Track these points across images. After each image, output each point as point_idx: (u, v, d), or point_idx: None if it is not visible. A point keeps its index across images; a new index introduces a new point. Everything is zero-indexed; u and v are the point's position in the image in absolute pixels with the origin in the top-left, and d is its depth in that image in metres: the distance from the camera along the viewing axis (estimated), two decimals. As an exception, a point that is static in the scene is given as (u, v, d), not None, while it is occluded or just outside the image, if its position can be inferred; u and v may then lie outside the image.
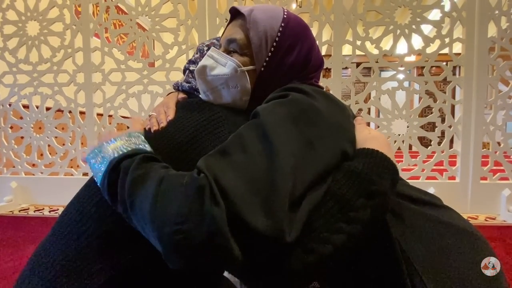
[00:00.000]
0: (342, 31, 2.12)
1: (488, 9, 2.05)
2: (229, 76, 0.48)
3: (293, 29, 0.49)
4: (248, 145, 0.36)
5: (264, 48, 0.47)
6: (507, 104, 2.10)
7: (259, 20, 0.47)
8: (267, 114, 0.39)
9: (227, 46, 0.50)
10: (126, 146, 0.45)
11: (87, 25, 2.28)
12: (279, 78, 0.48)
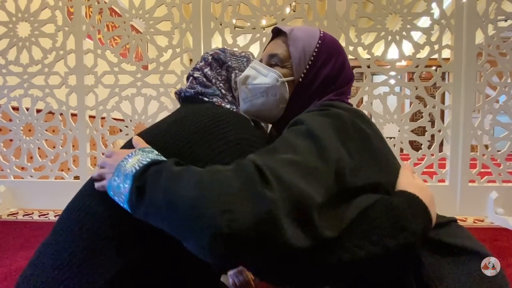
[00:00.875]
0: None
1: (476, 17, 2.11)
2: (270, 85, 0.54)
3: (328, 46, 0.55)
4: (298, 145, 0.38)
5: (303, 62, 0.54)
6: (494, 109, 2.17)
7: (299, 38, 0.54)
8: (311, 121, 0.42)
9: (269, 60, 0.57)
10: (144, 159, 0.45)
11: (79, 27, 2.26)
12: (315, 89, 0.54)
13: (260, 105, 0.56)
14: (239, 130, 0.50)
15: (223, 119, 0.51)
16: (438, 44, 2.13)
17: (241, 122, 0.53)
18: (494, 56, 2.13)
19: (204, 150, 0.47)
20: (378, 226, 0.35)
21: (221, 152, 0.47)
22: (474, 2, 2.12)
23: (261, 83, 0.54)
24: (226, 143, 0.48)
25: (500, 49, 2.14)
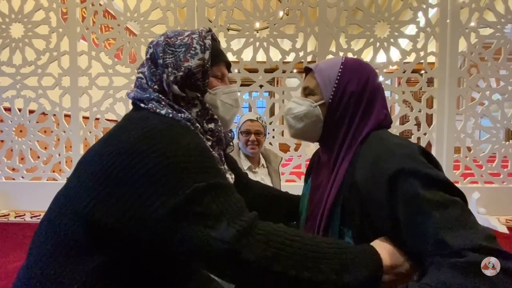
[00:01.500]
0: (326, 42, 2.23)
1: (459, 26, 2.22)
2: (306, 111, 0.64)
3: (350, 68, 0.63)
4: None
5: (329, 85, 0.62)
6: (476, 113, 2.28)
7: (323, 68, 0.64)
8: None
9: (303, 93, 0.68)
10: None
11: (74, 29, 2.27)
12: (344, 106, 0.62)
13: (302, 128, 0.66)
14: (170, 146, 0.46)
15: (153, 134, 0.47)
16: (423, 51, 2.23)
17: (174, 135, 0.48)
18: (476, 63, 2.24)
19: (136, 172, 0.44)
20: (329, 259, 0.43)
21: (155, 174, 0.44)
22: (458, 12, 2.22)
23: (299, 111, 0.65)
24: (158, 163, 0.44)
25: (482, 57, 2.25)
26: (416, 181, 0.47)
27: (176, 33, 0.59)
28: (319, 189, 0.67)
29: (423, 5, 2.22)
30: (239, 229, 0.42)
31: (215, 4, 2.26)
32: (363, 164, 0.55)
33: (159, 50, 0.56)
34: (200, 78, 0.57)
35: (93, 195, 0.46)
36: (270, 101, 2.42)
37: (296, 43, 2.25)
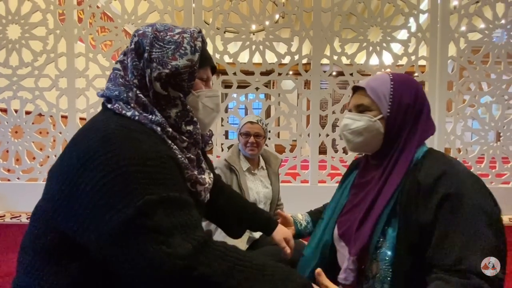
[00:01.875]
0: (320, 46, 2.28)
1: (449, 31, 2.29)
2: (366, 126, 0.67)
3: (400, 83, 0.68)
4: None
5: (384, 101, 0.67)
6: (465, 116, 2.35)
7: (375, 86, 0.68)
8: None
9: (357, 109, 0.70)
10: None
11: (71, 31, 2.28)
12: (402, 117, 0.67)
13: (362, 141, 0.69)
14: (124, 154, 0.43)
15: (109, 140, 0.45)
16: (415, 55, 2.30)
17: (131, 141, 0.45)
18: (465, 67, 2.32)
19: (90, 180, 0.42)
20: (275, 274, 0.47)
21: (107, 183, 0.42)
22: (448, 18, 2.30)
23: (358, 126, 0.68)
24: (111, 172, 0.42)
25: (471, 61, 2.33)
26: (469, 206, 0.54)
27: (166, 27, 0.56)
28: (364, 190, 0.71)
29: (414, 11, 2.29)
30: (195, 245, 0.41)
31: (212, 8, 2.30)
32: (427, 176, 0.59)
33: (145, 42, 0.52)
34: (185, 79, 0.54)
35: (56, 205, 0.46)
36: (266, 103, 2.46)
37: (291, 47, 2.30)
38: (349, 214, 0.72)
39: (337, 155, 2.36)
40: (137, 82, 0.52)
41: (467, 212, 0.52)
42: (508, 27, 2.34)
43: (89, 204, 0.42)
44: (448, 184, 0.55)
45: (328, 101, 2.37)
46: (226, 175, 1.33)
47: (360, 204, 0.69)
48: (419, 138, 0.65)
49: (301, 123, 2.41)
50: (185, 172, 0.54)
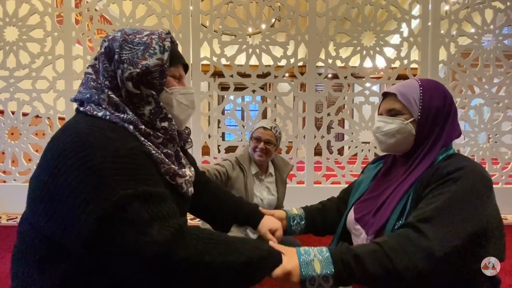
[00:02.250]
0: (315, 50, 2.33)
1: (439, 36, 2.37)
2: (398, 128, 0.73)
3: (429, 88, 0.74)
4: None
5: (414, 105, 0.72)
6: (455, 119, 2.42)
7: (405, 92, 0.74)
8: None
9: (389, 113, 0.76)
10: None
11: (69, 33, 2.30)
12: (432, 119, 0.71)
13: (394, 143, 0.75)
14: (97, 152, 0.45)
15: (80, 139, 0.47)
16: (407, 59, 2.36)
17: (102, 139, 0.47)
18: (456, 71, 2.39)
19: (64, 180, 0.44)
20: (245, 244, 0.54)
21: (81, 181, 0.44)
22: (438, 23, 2.37)
23: (390, 128, 0.74)
24: (85, 171, 0.44)
25: (461, 65, 2.40)
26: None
27: (134, 30, 0.59)
28: (386, 184, 0.77)
29: (406, 16, 2.36)
30: (172, 232, 0.45)
31: (209, 12, 2.34)
32: (446, 168, 0.65)
33: (115, 45, 0.55)
34: (157, 77, 0.57)
35: (36, 210, 0.48)
36: (262, 106, 2.50)
37: (287, 50, 2.35)
38: (369, 202, 0.78)
39: (332, 156, 2.41)
40: (108, 84, 0.55)
41: (450, 195, 0.59)
42: (496, 32, 2.42)
43: (66, 203, 0.44)
44: (458, 173, 0.61)
45: (323, 104, 2.41)
46: (233, 169, 1.32)
47: (381, 195, 0.75)
48: (445, 139, 0.70)
49: (297, 125, 2.45)
50: (161, 166, 0.57)
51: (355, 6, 2.33)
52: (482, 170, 0.64)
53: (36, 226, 0.49)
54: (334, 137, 2.44)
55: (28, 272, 0.50)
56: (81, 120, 0.52)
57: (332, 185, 2.41)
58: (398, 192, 0.69)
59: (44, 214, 0.47)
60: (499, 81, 2.46)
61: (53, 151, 0.48)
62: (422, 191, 0.65)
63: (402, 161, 0.77)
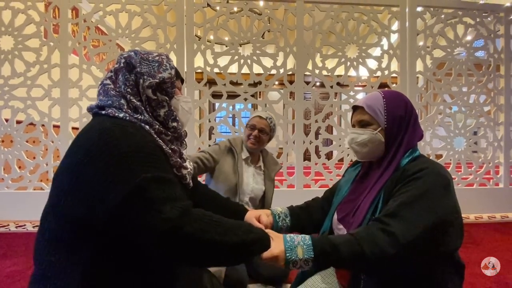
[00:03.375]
0: (303, 61, 2.49)
1: (416, 49, 2.57)
2: (369, 138, 0.81)
3: (390, 98, 0.83)
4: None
5: (380, 115, 0.81)
6: (432, 125, 2.61)
7: (371, 104, 0.82)
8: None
9: (359, 124, 0.84)
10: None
11: (65, 43, 2.36)
12: (397, 127, 0.80)
13: (367, 151, 0.83)
14: (122, 143, 0.55)
15: (108, 133, 0.56)
16: (387, 70, 2.55)
17: (125, 134, 0.58)
18: (431, 81, 2.59)
19: (97, 167, 0.54)
20: (240, 228, 0.63)
21: (111, 166, 0.53)
22: (415, 37, 2.58)
23: (363, 139, 0.82)
24: (114, 157, 0.54)
25: (435, 74, 2.61)
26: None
27: (146, 51, 0.74)
28: (362, 186, 0.85)
29: (386, 31, 2.56)
30: (181, 211, 0.54)
31: (203, 24, 2.46)
32: (412, 168, 0.73)
33: (135, 60, 0.68)
34: (169, 87, 0.71)
35: (66, 196, 0.56)
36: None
37: (277, 61, 2.49)
38: (348, 203, 0.86)
39: (320, 161, 2.54)
40: (130, 90, 0.67)
41: (420, 187, 0.68)
42: (467, 45, 2.65)
43: (96, 186, 0.53)
44: (420, 173, 0.70)
45: (311, 111, 2.55)
46: (221, 152, 1.36)
47: (359, 197, 0.83)
48: (409, 142, 0.78)
49: (287, 132, 2.58)
50: (170, 159, 0.70)
51: (339, 21, 2.52)
52: (441, 170, 0.74)
53: (61, 213, 0.57)
54: (322, 143, 2.58)
55: (58, 258, 0.57)
56: (104, 120, 0.62)
57: (320, 188, 2.53)
58: (372, 193, 0.78)
59: (73, 198, 0.55)
60: (471, 89, 2.68)
61: (82, 146, 0.58)
62: (391, 190, 0.74)
63: (376, 165, 0.85)
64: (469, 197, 2.49)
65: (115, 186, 0.53)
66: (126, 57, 0.69)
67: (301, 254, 0.65)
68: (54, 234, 0.58)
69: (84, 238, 0.56)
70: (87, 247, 0.56)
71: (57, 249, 0.57)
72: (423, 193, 0.68)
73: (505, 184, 2.64)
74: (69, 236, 0.56)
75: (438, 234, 0.67)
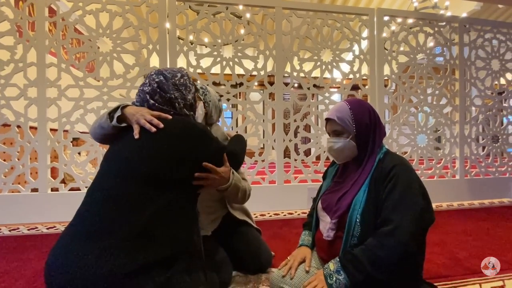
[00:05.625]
0: (282, 64, 2.64)
1: (384, 54, 2.82)
2: (344, 146, 0.96)
3: (355, 107, 0.97)
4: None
5: (349, 124, 0.95)
6: (398, 123, 2.88)
7: (340, 116, 0.96)
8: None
9: (334, 133, 0.99)
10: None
11: (42, 41, 2.31)
12: (365, 132, 0.95)
13: (344, 156, 0.99)
14: (211, 133, 0.90)
15: (200, 128, 0.88)
16: (358, 73, 2.77)
17: (207, 129, 0.89)
18: (397, 83, 2.86)
19: (205, 150, 0.87)
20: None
21: (208, 145, 0.88)
22: (382, 44, 2.83)
23: (339, 146, 0.97)
24: (214, 144, 0.89)
25: (401, 79, 2.88)
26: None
27: (170, 74, 0.92)
28: (344, 180, 0.99)
29: (357, 37, 2.79)
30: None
31: (185, 26, 2.52)
32: (386, 166, 0.89)
33: (167, 87, 0.89)
34: (193, 103, 0.94)
35: (175, 166, 0.81)
36: (236, 113, 2.73)
37: (257, 64, 2.62)
38: (331, 194, 1.01)
39: (299, 157, 2.70)
40: (170, 108, 0.91)
41: (399, 190, 0.84)
42: (428, 52, 2.96)
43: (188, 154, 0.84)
44: (395, 171, 0.87)
45: (290, 111, 2.71)
46: None
47: (340, 189, 0.98)
48: (378, 142, 0.95)
49: (268, 130, 2.71)
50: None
51: (315, 27, 2.70)
52: (405, 162, 0.91)
53: (163, 180, 0.79)
54: (300, 141, 2.75)
55: (159, 217, 0.75)
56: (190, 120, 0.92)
57: (300, 183, 2.69)
58: (355, 186, 0.92)
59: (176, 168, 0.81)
60: (432, 92, 2.99)
61: (192, 134, 0.86)
62: (373, 185, 0.89)
63: (352, 163, 1.01)
64: (431, 188, 2.75)
65: (204, 149, 0.89)
66: (154, 82, 0.89)
67: (333, 267, 0.85)
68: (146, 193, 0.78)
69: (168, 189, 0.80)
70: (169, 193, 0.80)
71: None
72: (405, 190, 0.84)
73: (460, 176, 2.98)
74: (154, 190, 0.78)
75: (425, 214, 0.84)
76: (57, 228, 2.14)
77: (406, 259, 0.79)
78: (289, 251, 1.10)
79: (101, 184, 0.78)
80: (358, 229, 0.86)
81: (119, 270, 0.64)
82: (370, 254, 0.80)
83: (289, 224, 2.22)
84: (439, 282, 1.26)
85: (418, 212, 0.81)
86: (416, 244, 0.81)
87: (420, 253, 0.89)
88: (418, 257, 0.88)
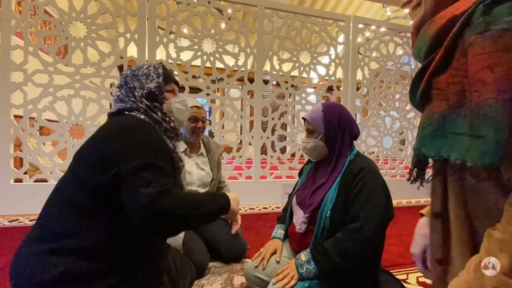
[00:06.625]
0: (262, 62, 2.70)
1: (357, 60, 3.00)
2: (314, 145, 1.04)
3: (327, 110, 1.03)
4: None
5: (319, 125, 1.02)
6: (367, 125, 3.09)
7: (313, 116, 1.03)
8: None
9: (308, 132, 1.07)
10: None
11: (7, 21, 2.15)
12: (334, 133, 1.01)
13: (316, 154, 1.07)
14: (140, 134, 0.73)
15: (131, 126, 0.75)
16: (334, 77, 2.92)
17: (144, 128, 0.75)
18: (368, 88, 3.06)
19: (119, 146, 0.70)
20: (209, 199, 0.83)
21: (133, 146, 0.70)
22: (356, 50, 3.01)
23: (310, 146, 1.05)
24: (134, 141, 0.71)
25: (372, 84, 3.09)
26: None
27: (138, 67, 0.89)
28: (316, 177, 1.06)
29: (334, 42, 2.93)
30: (159, 190, 0.66)
31: (166, 17, 2.48)
32: (355, 168, 0.97)
33: (128, 79, 0.85)
34: (158, 94, 0.85)
35: (85, 167, 0.71)
36: (215, 108, 2.75)
37: (238, 61, 2.65)
38: (304, 190, 1.09)
39: (275, 154, 2.80)
40: (133, 99, 0.85)
41: (366, 190, 0.93)
42: (396, 60, 3.19)
43: (112, 158, 0.69)
44: (363, 173, 0.96)
45: (268, 109, 2.79)
46: None
47: (312, 185, 1.06)
48: (347, 144, 1.02)
49: (246, 127, 2.77)
50: (172, 153, 0.85)
51: (295, 29, 2.79)
52: (372, 164, 1.01)
53: (85, 182, 0.70)
54: (277, 138, 2.84)
55: (76, 218, 0.69)
56: (127, 117, 0.80)
57: (275, 179, 2.79)
58: (327, 184, 1.00)
59: (98, 169, 0.70)
60: (398, 98, 3.23)
61: (117, 129, 0.74)
62: (343, 184, 0.97)
63: (323, 161, 1.09)
64: (393, 186, 3.00)
65: (127, 160, 0.68)
66: (124, 76, 0.87)
67: (304, 258, 0.93)
68: (77, 202, 0.71)
69: (102, 205, 0.71)
70: (104, 214, 0.71)
71: (78, 213, 0.71)
72: (371, 191, 0.93)
73: (419, 175, 3.27)
74: (90, 203, 0.71)
75: (387, 210, 0.94)
76: (21, 221, 2.02)
77: (371, 251, 0.90)
78: (263, 243, 1.18)
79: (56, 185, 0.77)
80: (327, 223, 0.94)
81: (42, 277, 0.64)
82: (339, 247, 0.89)
83: (263, 218, 2.31)
84: (394, 270, 1.43)
85: (382, 211, 0.91)
86: (379, 238, 0.92)
87: (380, 245, 0.99)
88: (378, 249, 0.99)
